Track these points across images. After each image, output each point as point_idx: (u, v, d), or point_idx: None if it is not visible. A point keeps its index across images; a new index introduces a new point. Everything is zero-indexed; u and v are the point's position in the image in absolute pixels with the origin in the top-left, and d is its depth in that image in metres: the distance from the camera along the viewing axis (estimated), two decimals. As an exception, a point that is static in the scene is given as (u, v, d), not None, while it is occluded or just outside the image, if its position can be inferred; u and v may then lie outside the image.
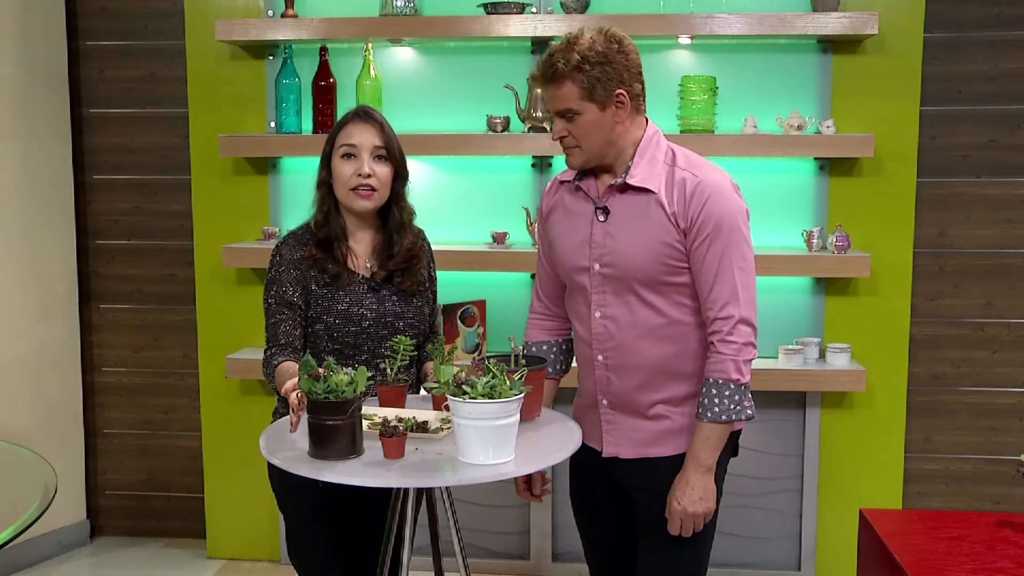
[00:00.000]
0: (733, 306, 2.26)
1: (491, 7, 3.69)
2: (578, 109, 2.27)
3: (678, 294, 2.32)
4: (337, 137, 2.55)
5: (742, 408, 2.28)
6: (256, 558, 4.14)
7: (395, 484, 2.16)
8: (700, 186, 2.27)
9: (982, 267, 3.89)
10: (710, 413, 2.27)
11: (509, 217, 3.85)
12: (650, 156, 2.33)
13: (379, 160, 2.53)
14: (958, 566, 2.42)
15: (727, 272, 2.26)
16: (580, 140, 2.30)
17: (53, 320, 4.09)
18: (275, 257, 2.58)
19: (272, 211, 3.99)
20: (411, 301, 2.60)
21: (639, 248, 2.30)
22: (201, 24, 3.92)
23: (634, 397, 2.37)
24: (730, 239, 2.26)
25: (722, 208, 2.26)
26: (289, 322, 2.50)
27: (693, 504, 2.27)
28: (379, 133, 2.54)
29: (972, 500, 3.96)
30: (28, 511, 2.20)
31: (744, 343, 2.26)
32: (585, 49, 2.24)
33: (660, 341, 2.33)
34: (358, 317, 2.52)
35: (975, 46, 3.81)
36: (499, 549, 4.03)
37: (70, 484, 4.14)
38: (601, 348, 2.38)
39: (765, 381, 3.62)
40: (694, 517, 2.29)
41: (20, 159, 3.94)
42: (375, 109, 2.63)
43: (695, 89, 3.64)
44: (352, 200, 2.53)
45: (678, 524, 2.30)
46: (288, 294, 2.51)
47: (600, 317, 2.36)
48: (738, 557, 3.91)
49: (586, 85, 2.24)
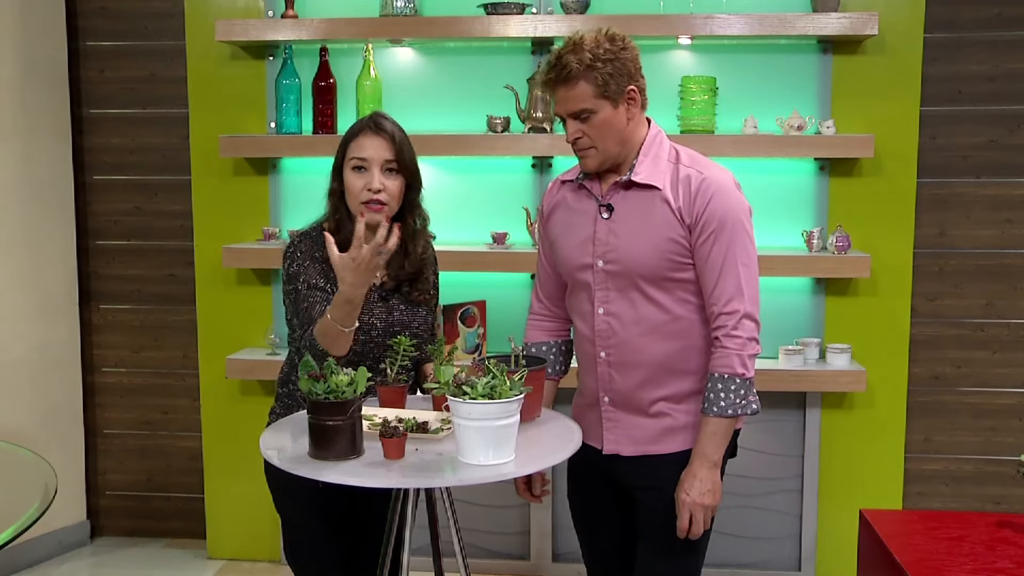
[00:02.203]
0: (737, 301, 2.27)
1: (491, 7, 3.69)
2: (593, 108, 2.27)
3: (682, 290, 2.33)
4: (348, 149, 2.50)
5: (747, 403, 2.29)
6: (256, 558, 4.14)
7: (395, 484, 2.16)
8: (705, 183, 2.29)
9: (982, 267, 3.89)
10: (716, 407, 2.28)
11: (509, 217, 3.85)
12: (654, 154, 2.35)
13: (389, 173, 2.48)
14: (958, 566, 2.42)
15: (731, 268, 2.27)
16: (596, 140, 2.30)
17: (53, 320, 4.09)
18: (294, 253, 2.52)
19: (272, 211, 3.99)
20: (418, 311, 2.59)
21: (644, 245, 2.31)
22: (201, 24, 3.92)
23: (636, 394, 2.37)
24: (734, 235, 2.28)
25: (726, 205, 2.28)
26: (323, 303, 2.43)
27: (703, 496, 2.27)
28: (390, 146, 2.48)
29: (972, 500, 3.95)
30: (28, 511, 2.20)
31: (748, 338, 2.28)
32: (594, 47, 2.25)
33: (663, 338, 2.34)
34: (368, 326, 2.49)
35: (975, 46, 3.81)
36: (499, 549, 4.03)
37: (70, 484, 4.14)
38: (604, 345, 2.38)
39: (765, 381, 3.61)
40: (704, 509, 2.27)
41: (20, 159, 3.94)
42: (387, 117, 2.55)
43: (695, 89, 3.64)
44: (363, 213, 2.47)
45: (688, 516, 2.28)
46: (313, 279, 2.47)
47: (603, 314, 2.36)
48: (738, 557, 3.91)
49: (600, 82, 2.25)
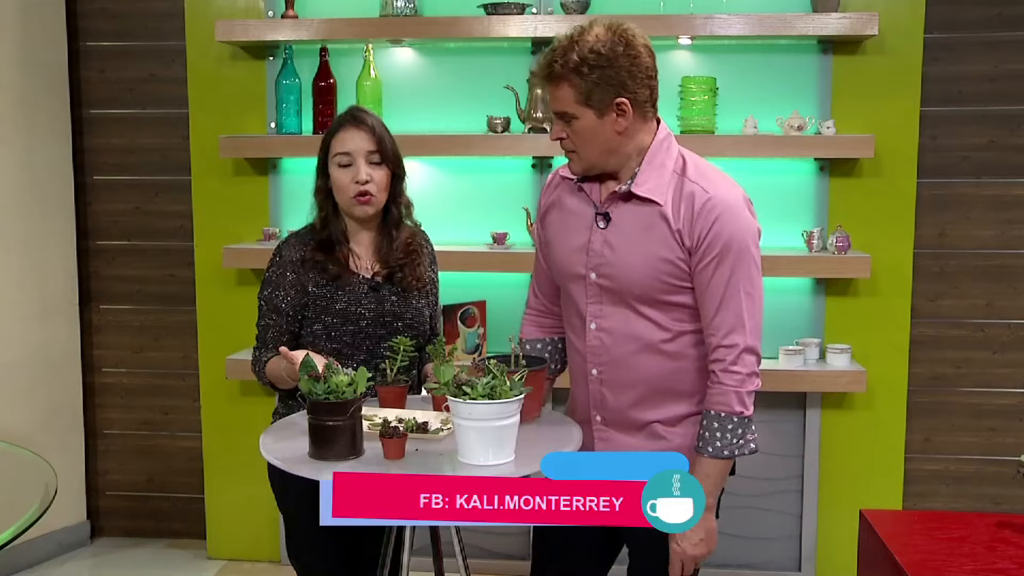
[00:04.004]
0: (738, 334, 2.13)
1: (491, 8, 3.69)
2: (574, 113, 2.14)
3: (679, 312, 2.20)
4: (331, 145, 2.55)
5: (745, 442, 2.17)
6: (256, 559, 4.14)
7: (395, 485, 2.16)
8: (710, 203, 2.13)
9: (982, 267, 3.89)
10: (711, 448, 2.16)
11: (509, 218, 3.85)
12: (659, 163, 2.20)
13: (374, 165, 2.52)
14: (958, 567, 2.42)
15: (733, 297, 2.13)
16: (577, 146, 2.17)
17: (53, 321, 4.09)
18: (275, 257, 2.60)
19: (272, 212, 3.99)
20: (410, 302, 2.60)
21: (638, 262, 2.18)
22: (201, 25, 3.92)
23: (628, 415, 2.27)
24: (738, 262, 2.12)
25: (732, 228, 2.12)
26: (275, 329, 2.56)
27: (694, 547, 2.17)
28: (371, 137, 2.52)
29: (972, 501, 3.95)
30: (28, 512, 2.20)
31: (748, 373, 2.16)
32: (586, 50, 2.10)
33: (658, 357, 2.22)
34: (356, 316, 2.52)
35: (975, 46, 3.81)
36: (499, 549, 4.02)
37: (70, 485, 4.14)
38: (595, 362, 2.27)
39: (765, 382, 3.52)
40: (696, 559, 2.19)
41: (20, 159, 3.94)
42: (366, 110, 2.60)
43: (695, 90, 3.64)
44: (353, 207, 2.53)
45: (679, 567, 2.20)
46: (278, 299, 2.54)
47: (595, 329, 2.25)
48: (738, 557, 3.91)
49: (583, 90, 2.11)
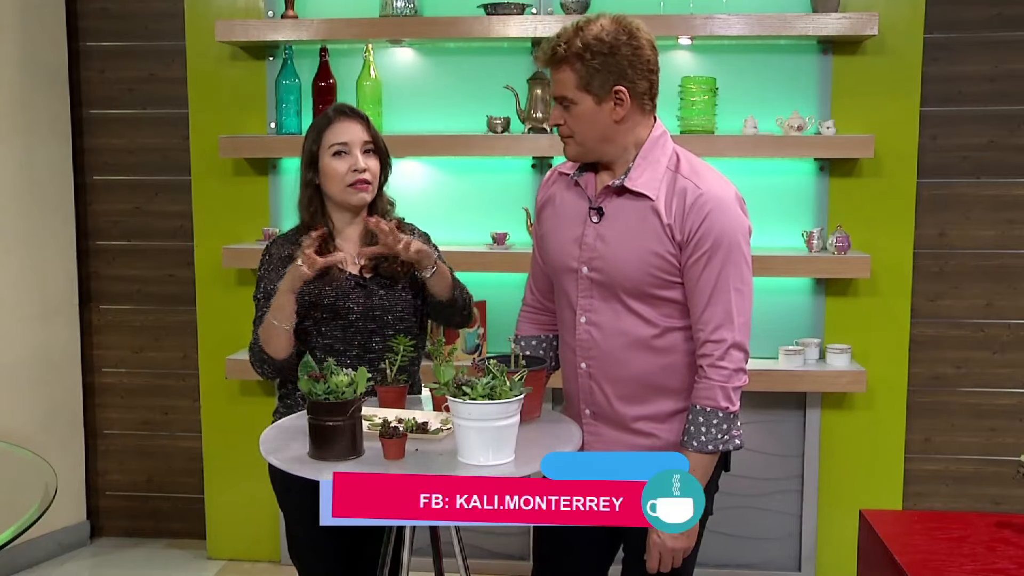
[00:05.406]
0: (726, 329, 2.14)
1: (491, 8, 3.69)
2: (573, 98, 2.17)
3: (668, 307, 2.22)
4: (324, 137, 2.57)
5: (730, 438, 2.18)
6: (256, 559, 4.14)
7: (395, 485, 2.16)
8: (701, 198, 2.15)
9: (982, 267, 3.89)
10: (696, 442, 2.17)
11: (509, 218, 3.85)
12: (653, 159, 2.21)
13: (368, 154, 2.57)
14: (958, 567, 2.42)
15: (723, 293, 2.14)
16: (574, 131, 2.20)
17: (53, 321, 4.09)
18: (265, 256, 2.64)
19: (272, 212, 3.99)
20: (398, 294, 2.60)
21: (629, 255, 2.20)
22: (201, 25, 3.92)
23: (618, 410, 2.28)
24: (728, 257, 2.14)
25: (723, 224, 2.14)
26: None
27: (674, 539, 2.16)
28: (365, 128, 2.59)
29: (972, 501, 3.95)
30: (28, 512, 2.20)
31: (735, 369, 2.16)
32: (591, 37, 2.13)
33: (647, 353, 2.23)
34: (344, 311, 2.53)
35: (975, 46, 3.81)
36: (499, 549, 4.02)
37: (70, 485, 4.14)
38: (585, 356, 2.29)
39: (765, 382, 3.62)
40: (673, 552, 2.18)
41: (20, 159, 3.94)
42: (352, 106, 2.67)
43: (695, 90, 3.64)
44: (349, 195, 2.56)
45: (657, 557, 2.19)
46: (273, 289, 2.54)
47: (585, 323, 2.27)
48: (738, 557, 3.91)
49: (584, 75, 2.14)
